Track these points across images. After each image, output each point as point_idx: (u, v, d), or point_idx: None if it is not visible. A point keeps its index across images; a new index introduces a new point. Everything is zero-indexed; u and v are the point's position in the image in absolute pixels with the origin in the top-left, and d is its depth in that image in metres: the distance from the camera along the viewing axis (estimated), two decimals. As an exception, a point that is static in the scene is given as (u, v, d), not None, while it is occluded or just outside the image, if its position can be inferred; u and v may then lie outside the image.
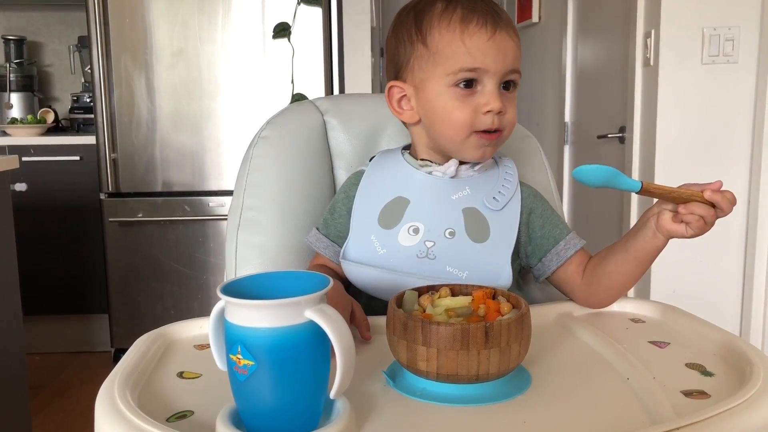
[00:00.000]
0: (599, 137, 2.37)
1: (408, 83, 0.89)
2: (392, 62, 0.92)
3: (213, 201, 2.58)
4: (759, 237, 1.99)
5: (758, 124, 1.96)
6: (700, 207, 0.75)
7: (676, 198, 0.76)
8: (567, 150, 2.85)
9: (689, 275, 2.05)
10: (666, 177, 2.02)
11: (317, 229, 0.98)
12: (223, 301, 0.54)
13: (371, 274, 0.88)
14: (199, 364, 0.73)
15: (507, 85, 0.86)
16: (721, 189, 0.75)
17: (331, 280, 0.56)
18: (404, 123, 0.94)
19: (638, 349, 0.75)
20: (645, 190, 0.74)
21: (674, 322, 0.84)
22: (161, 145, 2.56)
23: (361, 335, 0.79)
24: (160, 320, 2.66)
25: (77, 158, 2.67)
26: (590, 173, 0.74)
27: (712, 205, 0.75)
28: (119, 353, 2.68)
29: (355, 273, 0.90)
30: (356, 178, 0.97)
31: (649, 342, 0.78)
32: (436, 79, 0.86)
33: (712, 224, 0.76)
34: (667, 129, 2.01)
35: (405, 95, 0.90)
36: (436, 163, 0.92)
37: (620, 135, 2.24)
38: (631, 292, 2.18)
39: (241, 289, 0.55)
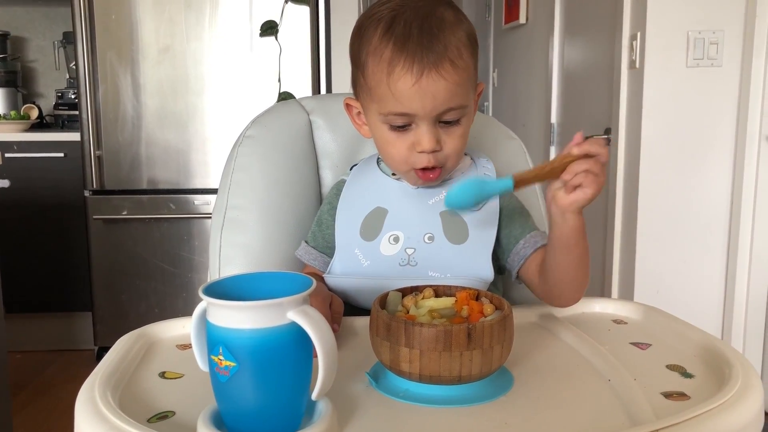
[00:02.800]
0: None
1: (359, 102, 0.90)
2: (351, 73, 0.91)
3: (198, 199, 2.56)
4: (741, 238, 2.01)
5: (741, 127, 1.98)
6: (579, 163, 0.72)
7: (552, 172, 0.73)
8: (553, 151, 2.87)
9: (672, 276, 2.07)
10: (650, 178, 2.04)
11: (306, 242, 0.98)
12: (205, 302, 0.54)
13: (355, 283, 0.89)
14: (182, 364, 0.72)
15: (447, 120, 0.83)
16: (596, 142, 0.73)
17: (314, 280, 0.56)
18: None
19: (620, 350, 0.75)
20: (519, 182, 0.72)
21: (656, 323, 0.84)
22: (146, 142, 2.54)
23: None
24: (144, 318, 2.65)
25: (61, 155, 2.64)
26: (458, 194, 0.74)
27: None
28: (102, 351, 2.66)
29: (338, 284, 0.90)
30: (338, 188, 0.97)
31: (631, 343, 0.78)
32: (372, 113, 0.86)
33: (603, 173, 0.72)
34: (651, 131, 2.02)
35: (360, 111, 0.91)
36: None
37: (606, 136, 2.26)
38: (614, 293, 2.20)
39: (223, 290, 0.55)
